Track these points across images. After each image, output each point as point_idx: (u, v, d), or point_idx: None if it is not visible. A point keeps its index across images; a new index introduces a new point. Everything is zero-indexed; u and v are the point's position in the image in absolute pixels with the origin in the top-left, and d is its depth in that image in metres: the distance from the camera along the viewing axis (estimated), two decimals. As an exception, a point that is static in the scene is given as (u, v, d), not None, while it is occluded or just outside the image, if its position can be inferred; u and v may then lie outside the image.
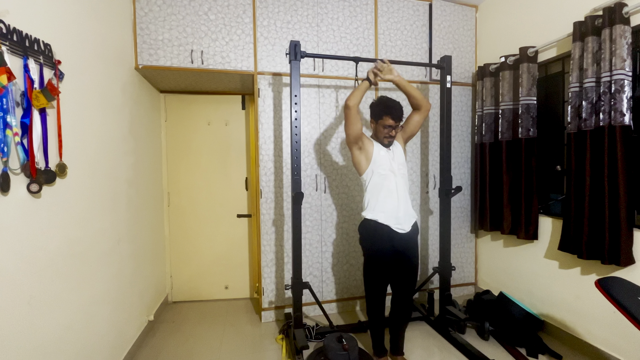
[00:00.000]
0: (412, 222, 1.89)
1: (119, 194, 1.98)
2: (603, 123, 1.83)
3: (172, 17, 2.29)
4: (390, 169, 1.87)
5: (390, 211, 1.84)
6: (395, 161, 1.90)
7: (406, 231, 1.85)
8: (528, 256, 2.45)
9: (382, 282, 1.89)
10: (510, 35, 2.58)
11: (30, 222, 1.23)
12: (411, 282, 1.92)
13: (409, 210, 1.90)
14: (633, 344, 1.80)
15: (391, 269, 1.87)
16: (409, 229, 1.87)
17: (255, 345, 2.25)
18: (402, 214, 1.85)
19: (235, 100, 2.99)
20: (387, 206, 1.84)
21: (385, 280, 1.89)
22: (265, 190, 2.51)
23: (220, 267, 3.02)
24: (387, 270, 1.86)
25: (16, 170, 1.17)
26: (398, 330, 1.98)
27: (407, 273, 1.89)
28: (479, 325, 2.32)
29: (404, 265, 1.88)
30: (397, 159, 1.92)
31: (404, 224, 1.85)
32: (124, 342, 2.01)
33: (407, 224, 1.87)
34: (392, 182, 1.86)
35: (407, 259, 1.87)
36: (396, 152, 1.94)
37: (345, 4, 2.60)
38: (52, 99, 1.30)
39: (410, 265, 1.89)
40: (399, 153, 1.95)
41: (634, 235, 1.79)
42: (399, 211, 1.84)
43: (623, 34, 1.73)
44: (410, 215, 1.89)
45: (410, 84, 1.97)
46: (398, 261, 1.87)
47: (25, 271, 1.21)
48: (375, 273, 1.87)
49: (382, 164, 1.87)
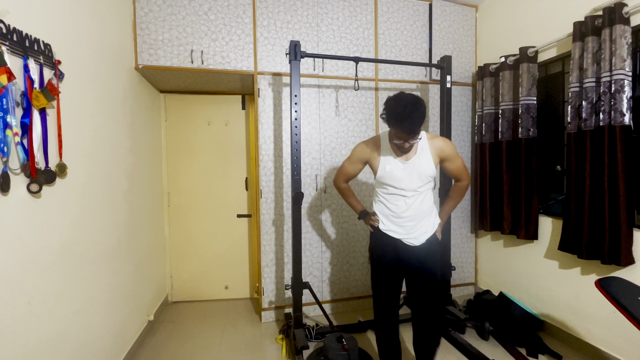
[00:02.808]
0: (425, 237, 1.58)
1: (119, 194, 1.98)
2: (603, 123, 1.83)
3: (172, 17, 2.29)
4: (399, 185, 1.54)
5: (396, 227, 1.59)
6: (413, 175, 1.53)
7: (416, 245, 1.58)
8: (528, 256, 2.45)
9: (385, 290, 1.65)
10: (510, 35, 2.58)
11: (30, 222, 1.23)
12: (425, 295, 1.59)
13: (421, 227, 1.58)
14: (633, 344, 1.80)
15: (397, 279, 1.64)
16: (419, 243, 1.58)
17: (255, 345, 2.25)
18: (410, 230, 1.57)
19: (235, 100, 2.99)
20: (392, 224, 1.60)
21: (388, 289, 1.65)
22: (265, 190, 2.51)
23: (220, 267, 3.02)
24: (390, 279, 1.63)
25: (16, 170, 1.17)
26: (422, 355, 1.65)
27: (419, 286, 1.59)
28: (479, 325, 2.32)
29: (413, 278, 1.60)
30: (417, 173, 1.52)
31: (413, 239, 1.58)
32: (123, 342, 2.01)
33: (418, 239, 1.57)
34: (401, 201, 1.56)
35: (415, 269, 1.58)
36: (416, 165, 1.52)
37: (345, 4, 2.60)
38: (52, 99, 1.30)
39: (420, 277, 1.58)
40: (423, 165, 1.52)
41: (634, 235, 1.79)
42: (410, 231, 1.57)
43: (623, 34, 1.73)
44: (422, 232, 1.58)
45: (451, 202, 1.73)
46: (408, 274, 1.62)
47: (25, 271, 1.21)
48: (376, 281, 1.67)
49: (386, 180, 1.57)
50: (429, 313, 1.62)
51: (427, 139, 1.56)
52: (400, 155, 1.54)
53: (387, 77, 2.71)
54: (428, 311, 1.61)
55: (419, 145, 1.53)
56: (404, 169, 1.53)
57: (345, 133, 2.64)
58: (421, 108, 1.36)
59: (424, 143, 1.54)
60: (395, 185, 1.55)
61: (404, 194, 1.55)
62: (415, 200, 1.55)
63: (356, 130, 2.66)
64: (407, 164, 1.53)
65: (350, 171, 1.74)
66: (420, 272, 1.58)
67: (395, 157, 1.54)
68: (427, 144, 1.55)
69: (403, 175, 1.53)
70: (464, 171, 1.65)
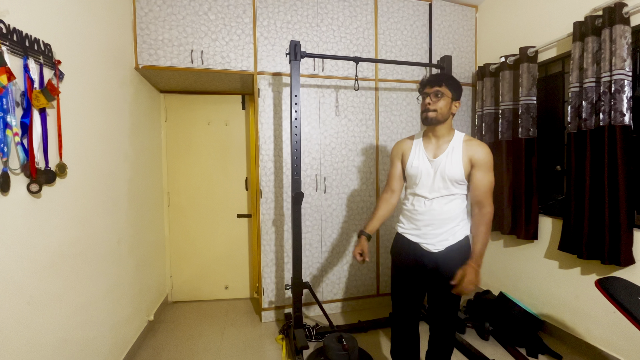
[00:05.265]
0: (445, 245, 1.44)
1: (119, 194, 1.98)
2: (603, 123, 1.83)
3: (172, 17, 2.29)
4: (421, 183, 1.46)
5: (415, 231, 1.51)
6: (437, 175, 1.43)
7: (433, 251, 1.46)
8: (528, 256, 2.45)
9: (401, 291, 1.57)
10: (510, 35, 2.58)
11: (30, 222, 1.23)
12: (440, 304, 1.49)
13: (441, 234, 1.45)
14: (633, 344, 1.80)
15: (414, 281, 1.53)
16: (436, 250, 1.46)
17: (255, 345, 2.25)
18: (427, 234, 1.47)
19: (235, 100, 2.99)
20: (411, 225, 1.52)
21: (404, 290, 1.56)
22: (265, 190, 2.51)
23: (220, 267, 3.02)
24: (406, 280, 1.55)
25: (16, 170, 1.17)
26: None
27: (435, 293, 1.50)
28: (479, 325, 2.32)
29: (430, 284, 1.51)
30: (440, 172, 1.42)
31: (430, 245, 1.46)
32: (124, 342, 2.01)
33: (436, 245, 1.45)
34: (421, 202, 1.47)
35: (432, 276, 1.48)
36: (442, 164, 1.41)
37: (345, 4, 2.60)
38: (52, 99, 1.30)
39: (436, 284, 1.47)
40: (449, 166, 1.40)
41: (634, 235, 1.79)
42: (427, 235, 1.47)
43: (623, 34, 1.73)
44: (442, 239, 1.45)
45: (480, 238, 1.41)
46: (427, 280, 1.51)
47: (25, 271, 1.21)
48: (394, 281, 1.61)
49: (411, 177, 1.50)
50: (443, 326, 1.51)
51: (462, 140, 1.43)
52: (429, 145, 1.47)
53: (387, 77, 2.71)
54: (442, 324, 1.51)
55: (451, 144, 1.43)
56: (430, 167, 1.44)
57: (345, 133, 2.64)
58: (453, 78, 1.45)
59: (458, 143, 1.42)
60: (417, 183, 1.47)
61: (425, 194, 1.45)
62: (437, 204, 1.44)
63: (356, 130, 2.66)
64: (433, 162, 1.44)
65: (393, 172, 1.61)
66: (436, 281, 1.46)
67: (424, 153, 1.47)
68: (461, 145, 1.42)
69: (427, 173, 1.44)
70: (488, 192, 1.40)
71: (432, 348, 1.59)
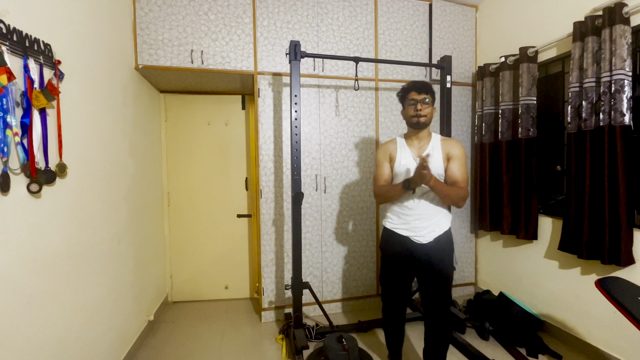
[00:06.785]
0: (433, 236, 1.61)
1: (119, 194, 1.98)
2: (603, 123, 1.83)
3: (172, 17, 2.29)
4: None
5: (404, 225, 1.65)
6: None
7: (424, 243, 1.61)
8: (528, 256, 2.45)
9: (391, 282, 1.73)
10: (510, 35, 2.58)
11: (30, 222, 1.23)
12: (434, 293, 1.63)
13: (430, 226, 1.61)
14: (633, 344, 1.80)
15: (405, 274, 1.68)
16: (426, 241, 1.61)
17: (255, 345, 2.25)
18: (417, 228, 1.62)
19: (235, 100, 2.99)
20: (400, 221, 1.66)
21: (394, 281, 1.72)
22: (265, 190, 2.51)
23: (220, 267, 3.02)
24: (397, 272, 1.69)
25: (16, 170, 1.17)
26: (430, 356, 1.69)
27: (428, 283, 1.64)
28: (479, 325, 2.32)
29: (422, 275, 1.65)
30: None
31: (420, 237, 1.61)
32: (123, 342, 2.01)
33: (425, 237, 1.61)
34: (410, 199, 1.62)
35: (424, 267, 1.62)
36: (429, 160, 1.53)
37: (345, 4, 2.60)
38: (52, 99, 1.30)
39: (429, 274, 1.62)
40: (433, 164, 1.57)
41: (634, 235, 1.79)
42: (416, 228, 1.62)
43: (623, 34, 1.73)
44: (430, 230, 1.61)
45: (446, 188, 1.54)
46: (418, 272, 1.66)
47: (25, 271, 1.21)
48: (384, 274, 1.76)
49: (400, 175, 1.65)
50: (438, 312, 1.63)
51: (440, 140, 1.66)
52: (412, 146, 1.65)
53: (387, 77, 2.71)
54: (437, 310, 1.63)
55: (431, 144, 1.64)
56: (416, 165, 1.59)
57: (345, 133, 2.64)
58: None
59: (436, 143, 1.64)
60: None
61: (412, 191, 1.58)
62: (424, 199, 1.61)
63: (356, 130, 2.66)
64: (419, 160, 1.52)
65: (381, 172, 1.71)
66: (428, 270, 1.62)
67: (410, 153, 1.64)
68: (439, 144, 1.64)
69: (414, 170, 1.53)
70: (462, 176, 1.58)
71: (430, 343, 1.69)
